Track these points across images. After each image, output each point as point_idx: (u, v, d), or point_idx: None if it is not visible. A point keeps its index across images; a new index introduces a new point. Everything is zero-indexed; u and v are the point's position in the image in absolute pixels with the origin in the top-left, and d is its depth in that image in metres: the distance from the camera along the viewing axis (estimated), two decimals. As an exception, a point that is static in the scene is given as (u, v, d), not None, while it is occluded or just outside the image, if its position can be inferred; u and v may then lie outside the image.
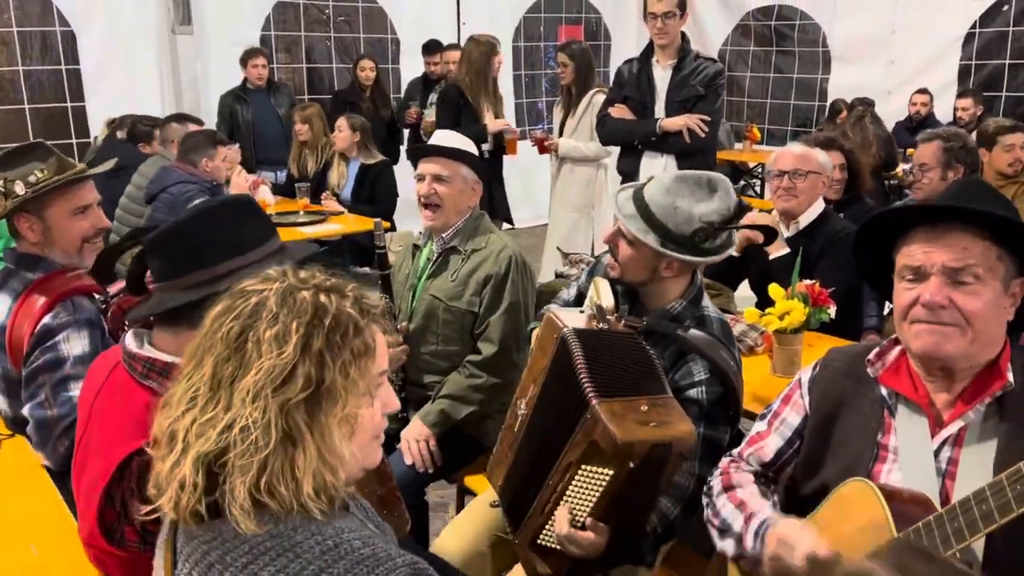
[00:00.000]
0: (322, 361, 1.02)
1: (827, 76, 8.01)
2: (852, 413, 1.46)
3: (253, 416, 0.99)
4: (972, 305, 1.30)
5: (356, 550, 0.99)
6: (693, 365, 1.85)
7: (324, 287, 1.09)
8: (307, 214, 4.97)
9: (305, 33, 7.26)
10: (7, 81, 6.08)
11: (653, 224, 1.84)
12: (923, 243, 1.33)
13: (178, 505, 1.01)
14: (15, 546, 1.65)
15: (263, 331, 1.02)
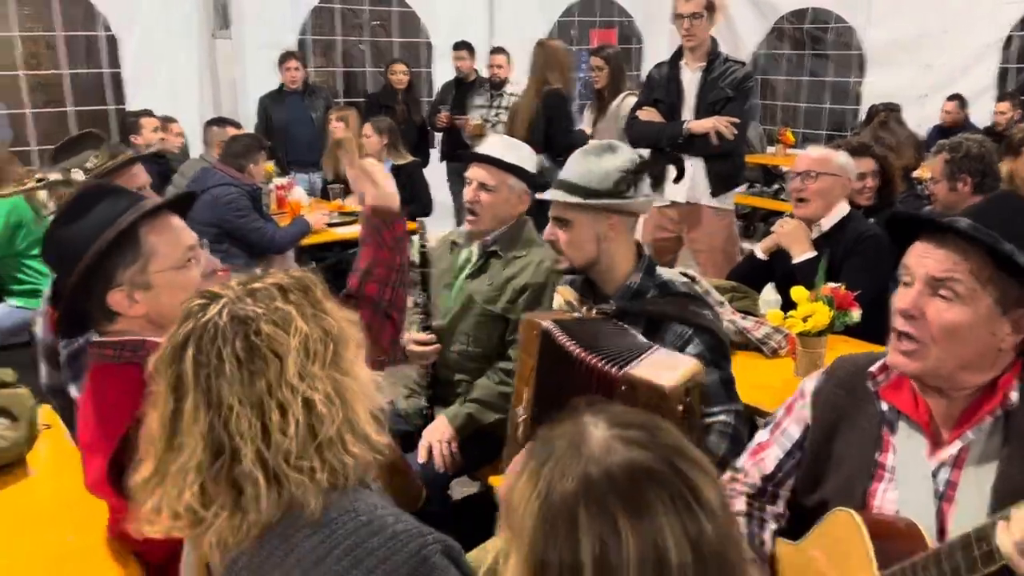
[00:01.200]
0: (319, 318, 1.08)
1: (861, 80, 7.93)
2: (852, 428, 1.42)
3: (314, 390, 1.04)
4: (940, 319, 1.25)
5: (389, 525, 1.03)
6: (674, 327, 1.95)
7: (258, 278, 1.12)
8: (340, 215, 5.05)
9: (341, 37, 7.37)
10: (52, 85, 6.26)
11: (578, 190, 1.97)
12: (922, 248, 1.30)
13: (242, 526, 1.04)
14: (53, 533, 1.71)
15: (263, 327, 1.05)
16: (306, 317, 1.07)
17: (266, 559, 1.03)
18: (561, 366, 1.80)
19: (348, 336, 1.12)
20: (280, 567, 1.02)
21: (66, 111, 6.18)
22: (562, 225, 2.01)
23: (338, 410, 1.06)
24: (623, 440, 0.83)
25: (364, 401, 1.10)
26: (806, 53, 8.45)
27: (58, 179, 2.17)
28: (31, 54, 6.20)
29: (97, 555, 1.61)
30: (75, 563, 1.61)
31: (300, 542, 1.02)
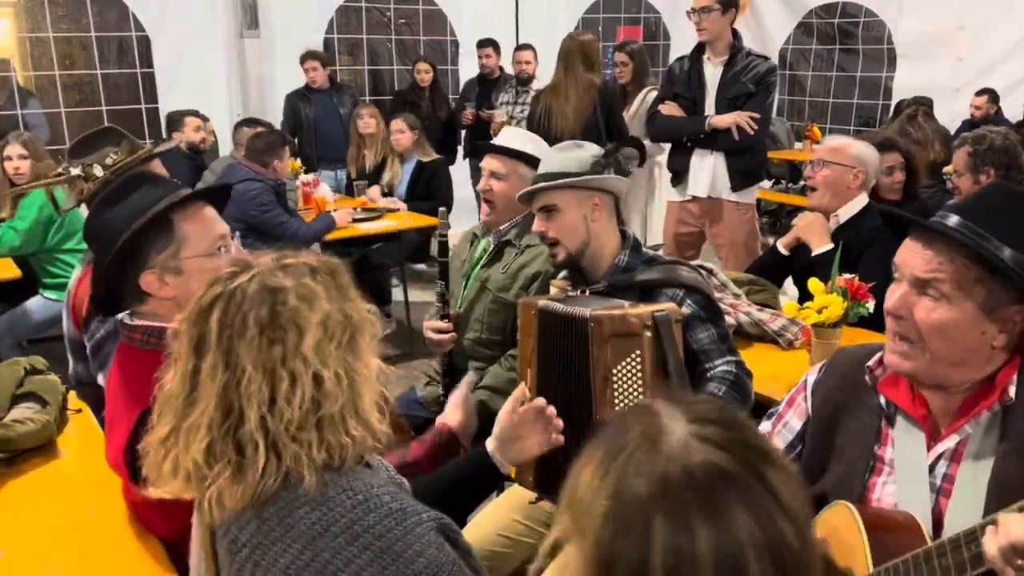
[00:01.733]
0: (342, 303, 1.12)
1: (892, 74, 7.82)
2: (851, 420, 1.43)
3: (325, 367, 1.07)
4: (928, 320, 1.25)
5: (385, 504, 1.06)
6: (665, 291, 2.05)
7: (291, 256, 1.16)
8: (364, 211, 5.10)
9: (367, 36, 7.44)
10: (86, 84, 6.40)
11: (558, 176, 2.09)
12: (910, 247, 1.30)
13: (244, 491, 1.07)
14: (78, 507, 1.79)
15: (290, 300, 1.08)
16: (331, 298, 1.11)
17: (266, 535, 1.06)
18: (558, 338, 1.91)
19: (365, 325, 1.15)
20: (280, 542, 1.05)
21: (100, 110, 6.32)
22: (549, 213, 2.11)
23: (345, 390, 1.09)
24: (702, 438, 0.77)
25: (371, 389, 1.13)
26: (835, 48, 8.36)
27: (78, 174, 2.22)
28: (65, 55, 6.34)
29: (118, 528, 1.69)
30: (98, 535, 1.69)
31: (299, 519, 1.05)
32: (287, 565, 1.04)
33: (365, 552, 1.03)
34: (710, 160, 4.02)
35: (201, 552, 1.18)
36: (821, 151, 2.93)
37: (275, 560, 1.05)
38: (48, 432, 2.02)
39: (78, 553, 1.63)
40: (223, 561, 1.12)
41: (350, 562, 1.03)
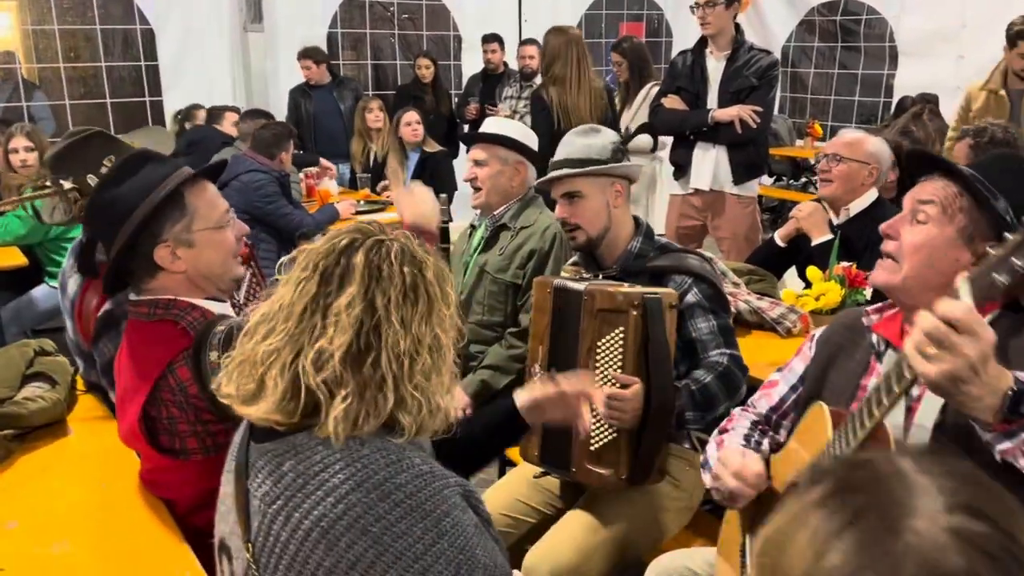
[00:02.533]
0: (448, 296, 1.20)
1: (893, 72, 7.83)
2: (847, 359, 1.54)
3: (441, 337, 1.15)
4: (909, 238, 1.40)
5: (416, 465, 1.11)
6: (674, 278, 2.07)
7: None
8: (368, 203, 5.14)
9: (370, 31, 7.47)
10: (91, 76, 6.44)
11: (583, 163, 2.11)
12: (925, 181, 1.44)
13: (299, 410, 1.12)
14: (89, 482, 1.84)
15: (428, 272, 1.17)
16: (449, 284, 1.21)
17: (300, 488, 1.10)
18: (566, 313, 1.98)
19: (452, 330, 1.21)
20: (314, 495, 1.09)
21: (105, 103, 6.35)
22: (573, 199, 2.13)
23: (444, 365, 1.17)
24: (962, 537, 0.59)
25: (448, 373, 1.19)
26: (837, 45, 8.38)
27: (72, 187, 2.10)
28: (70, 47, 6.37)
29: (127, 502, 1.72)
30: (107, 509, 1.73)
31: (334, 474, 1.09)
32: (320, 517, 1.08)
33: (396, 509, 1.07)
34: (712, 153, 4.05)
35: (232, 506, 1.21)
36: (837, 145, 2.93)
37: (308, 512, 1.09)
38: (59, 410, 2.06)
39: (89, 526, 1.67)
40: (255, 513, 1.16)
41: (381, 517, 1.07)
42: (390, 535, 1.06)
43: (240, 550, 1.18)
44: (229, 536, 1.23)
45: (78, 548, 1.58)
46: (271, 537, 1.12)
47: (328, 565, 1.07)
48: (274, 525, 1.11)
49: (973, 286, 1.09)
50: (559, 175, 2.14)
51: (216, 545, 1.29)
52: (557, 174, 2.14)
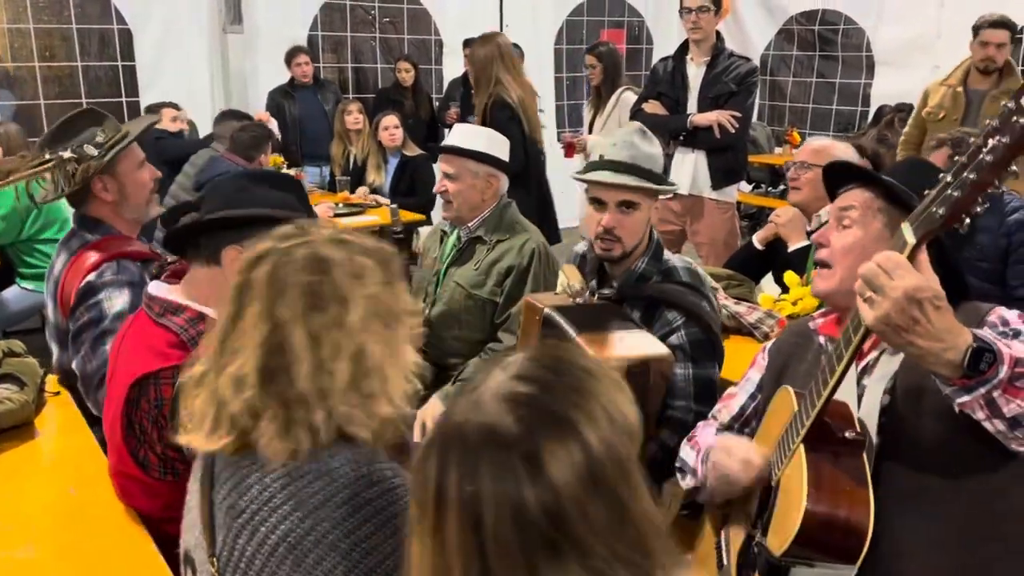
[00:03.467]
0: (390, 287, 1.13)
1: (870, 81, 7.92)
2: (798, 363, 1.59)
3: (367, 343, 1.08)
4: (838, 243, 1.49)
5: (387, 479, 1.08)
6: (668, 314, 1.97)
7: (350, 233, 1.17)
8: (346, 206, 5.11)
9: (351, 34, 7.44)
10: (66, 76, 6.35)
11: (648, 175, 2.00)
12: (846, 192, 1.54)
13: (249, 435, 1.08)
14: (56, 487, 1.80)
15: (337, 274, 1.09)
16: (378, 281, 1.12)
17: (266, 502, 1.07)
18: None
19: (402, 316, 1.15)
20: (281, 509, 1.06)
21: (80, 103, 6.27)
22: (629, 209, 1.98)
23: (381, 371, 1.10)
24: (503, 397, 0.80)
25: (402, 377, 1.13)
26: (815, 54, 8.46)
27: (71, 156, 2.17)
28: (45, 46, 6.29)
29: (95, 507, 1.69)
30: (75, 514, 1.70)
31: (302, 488, 1.06)
32: (286, 532, 1.05)
33: (366, 524, 1.04)
34: (691, 158, 4.07)
35: (198, 518, 1.18)
36: (805, 153, 2.96)
37: (275, 527, 1.06)
38: (26, 412, 2.02)
39: (56, 531, 1.63)
40: (220, 525, 1.13)
41: (350, 533, 1.04)
42: (359, 551, 1.04)
43: (204, 563, 1.15)
44: (194, 548, 1.20)
45: (44, 554, 1.54)
46: (236, 551, 1.09)
47: None
48: (239, 539, 1.09)
49: (914, 224, 1.17)
50: (630, 184, 1.95)
51: (181, 555, 1.26)
52: (626, 182, 1.95)
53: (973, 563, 1.31)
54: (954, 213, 1.12)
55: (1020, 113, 1.05)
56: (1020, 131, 1.05)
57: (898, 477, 1.34)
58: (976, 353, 1.13)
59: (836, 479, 1.29)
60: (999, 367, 1.13)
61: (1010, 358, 1.15)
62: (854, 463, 1.31)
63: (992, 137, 1.08)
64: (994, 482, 1.31)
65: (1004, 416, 1.16)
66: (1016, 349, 1.17)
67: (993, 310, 1.39)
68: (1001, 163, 1.08)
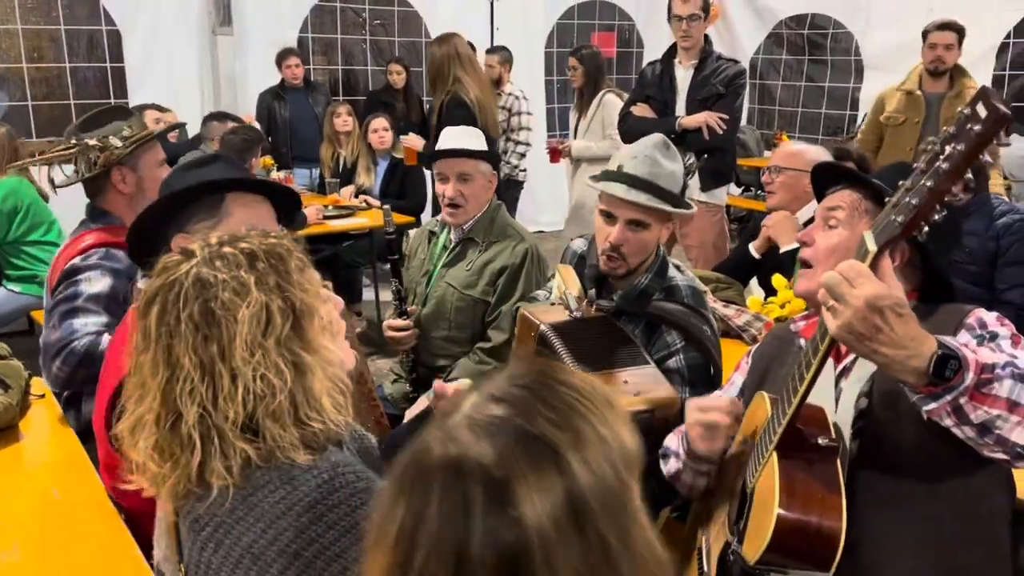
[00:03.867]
0: (283, 289, 1.08)
1: (859, 85, 7.97)
2: (779, 367, 1.59)
3: (262, 365, 1.03)
4: (823, 242, 1.50)
5: (351, 483, 1.05)
6: (667, 336, 1.92)
7: (235, 239, 1.12)
8: (336, 208, 5.10)
9: (341, 36, 7.43)
10: (54, 77, 6.32)
11: (663, 195, 1.90)
12: (832, 193, 1.55)
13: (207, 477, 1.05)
14: (40, 489, 1.78)
15: (221, 294, 1.05)
16: (267, 287, 1.07)
17: (228, 514, 1.05)
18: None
19: (312, 310, 1.11)
20: (243, 521, 1.04)
21: (68, 104, 6.24)
22: (638, 228, 1.91)
23: (290, 381, 1.05)
24: (471, 424, 0.71)
25: (323, 377, 1.10)
26: (804, 59, 8.50)
27: (95, 144, 2.25)
28: (33, 47, 6.26)
29: (79, 510, 1.68)
30: (59, 516, 1.69)
31: (262, 499, 1.04)
32: (250, 544, 1.03)
33: (330, 531, 1.02)
34: (680, 161, 4.08)
35: (164, 531, 1.17)
36: (777, 158, 3.02)
37: (238, 539, 1.04)
38: (10, 415, 2.00)
39: (40, 534, 1.62)
40: (185, 540, 1.11)
41: (314, 541, 1.02)
42: (323, 559, 1.02)
43: (174, 574, 1.14)
44: (163, 561, 1.20)
45: (28, 556, 1.53)
46: (202, 564, 1.07)
47: None
48: (204, 552, 1.07)
49: (875, 231, 1.17)
50: (646, 203, 1.87)
51: (155, 567, 1.25)
52: (643, 200, 1.86)
53: (954, 567, 1.31)
54: (913, 220, 1.12)
55: (975, 120, 1.05)
56: (975, 138, 1.05)
57: (876, 481, 1.34)
58: (941, 360, 1.12)
59: (808, 486, 1.28)
60: (964, 374, 1.13)
61: (976, 364, 1.14)
62: (827, 470, 1.31)
63: (948, 144, 1.07)
64: (973, 485, 1.31)
65: (972, 423, 1.16)
66: (983, 355, 1.17)
67: (972, 312, 1.39)
68: (957, 171, 1.07)
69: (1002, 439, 1.17)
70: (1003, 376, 1.15)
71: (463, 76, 4.24)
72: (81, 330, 2.04)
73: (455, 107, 4.20)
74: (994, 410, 1.15)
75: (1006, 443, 1.17)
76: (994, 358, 1.17)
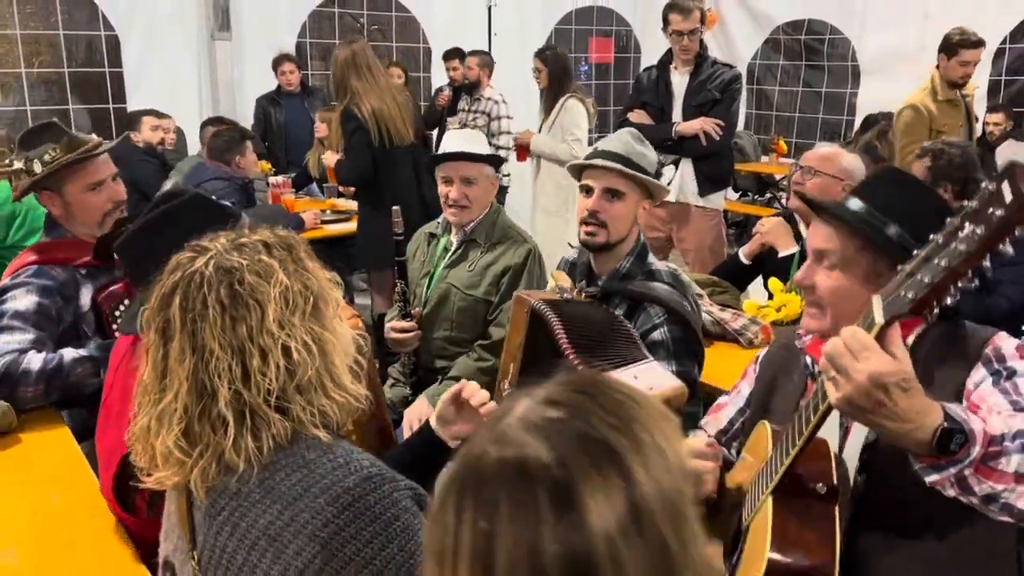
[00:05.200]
0: (300, 274, 1.13)
1: (856, 91, 7.99)
2: (787, 381, 1.57)
3: (292, 339, 1.09)
4: (824, 286, 1.43)
5: (365, 468, 1.09)
6: (650, 310, 2.02)
7: (247, 234, 1.17)
8: (333, 212, 5.11)
9: (339, 41, 7.44)
10: (53, 82, 6.33)
11: (637, 167, 2.08)
12: (814, 226, 1.48)
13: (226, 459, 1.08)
14: (39, 494, 1.79)
15: (247, 277, 1.10)
16: (288, 271, 1.13)
17: (245, 498, 1.08)
18: (545, 341, 1.88)
19: (327, 294, 1.17)
20: (260, 504, 1.07)
21: (67, 109, 6.25)
22: (613, 197, 2.09)
23: (316, 357, 1.11)
24: (529, 425, 0.69)
25: (342, 354, 1.16)
26: (801, 64, 8.53)
27: (20, 168, 2.24)
28: (32, 52, 6.27)
29: (78, 514, 1.69)
30: (57, 520, 1.69)
31: (279, 482, 1.07)
32: (266, 525, 1.06)
33: (344, 512, 1.05)
34: (678, 165, 4.09)
35: (175, 523, 1.18)
36: (812, 159, 2.91)
37: (254, 522, 1.07)
38: (8, 419, 2.01)
39: (38, 537, 1.63)
40: (200, 526, 1.13)
41: (329, 522, 1.04)
42: (338, 539, 1.04)
43: (186, 564, 1.15)
44: (173, 553, 1.21)
45: (26, 560, 1.54)
46: (217, 549, 1.10)
47: (276, 573, 1.05)
48: (220, 536, 1.09)
49: (884, 302, 1.10)
50: (619, 169, 2.06)
51: (160, 564, 1.26)
52: (617, 167, 2.06)
53: None
54: (924, 300, 1.04)
55: (998, 203, 0.94)
56: (996, 224, 0.95)
57: (881, 518, 1.31)
58: (946, 434, 1.08)
59: (802, 534, 1.25)
60: (971, 447, 1.08)
61: (984, 436, 1.09)
62: (824, 516, 1.27)
63: (968, 223, 0.98)
64: (978, 526, 1.25)
65: (976, 494, 1.11)
66: (993, 424, 1.11)
67: (992, 340, 1.33)
68: (975, 256, 0.98)
69: (1008, 506, 1.12)
70: (1012, 450, 1.09)
71: (358, 86, 4.03)
72: (3, 348, 2.03)
73: (345, 120, 4.07)
74: (1000, 484, 1.10)
75: (1011, 509, 1.12)
76: (1004, 427, 1.11)
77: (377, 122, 4.04)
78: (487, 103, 5.86)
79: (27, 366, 2.02)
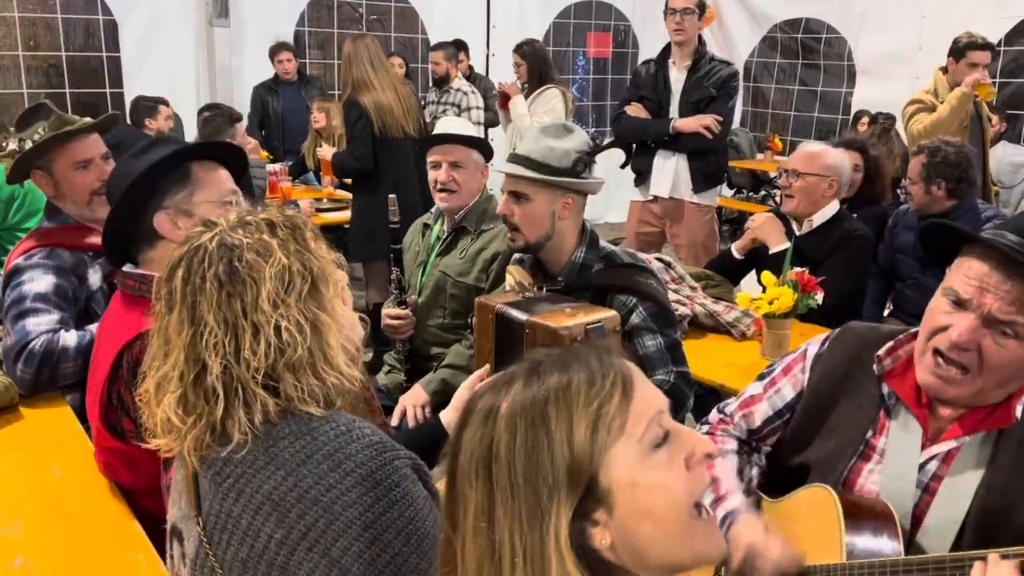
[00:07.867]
0: (301, 255, 1.16)
1: (851, 90, 8.03)
2: (850, 403, 1.42)
3: (284, 319, 1.11)
4: (996, 357, 1.21)
5: (367, 436, 1.12)
6: (619, 297, 2.06)
7: (254, 212, 1.21)
8: (330, 201, 5.13)
9: (338, 30, 7.44)
10: (51, 67, 6.32)
11: (539, 167, 2.04)
12: (981, 274, 1.22)
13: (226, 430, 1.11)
14: (42, 468, 1.82)
15: (246, 255, 1.13)
16: (288, 251, 1.15)
17: (250, 464, 1.11)
18: (509, 340, 1.90)
19: (328, 275, 1.19)
20: (264, 470, 1.10)
21: (64, 92, 6.24)
22: (519, 200, 2.08)
23: (308, 337, 1.13)
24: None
25: (337, 335, 1.18)
26: (798, 62, 8.57)
27: (15, 148, 2.27)
28: (30, 36, 6.26)
29: (79, 486, 1.72)
30: (60, 492, 1.72)
31: (283, 448, 1.10)
32: (271, 491, 1.09)
33: (347, 478, 1.08)
34: (673, 161, 4.13)
35: (183, 490, 1.21)
36: (796, 161, 2.98)
37: (259, 487, 1.09)
38: (10, 394, 2.03)
39: (41, 510, 1.65)
40: (205, 492, 1.16)
41: (332, 487, 1.07)
42: (341, 503, 1.07)
43: (192, 529, 1.18)
44: (181, 519, 1.24)
45: (29, 531, 1.56)
46: (223, 514, 1.13)
47: (280, 536, 1.08)
48: (226, 502, 1.12)
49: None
50: (512, 172, 2.06)
51: (168, 530, 1.29)
52: (511, 170, 2.07)
53: None
54: None
55: None
56: None
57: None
58: None
59: None
60: None
61: None
62: None
63: None
64: None
65: None
66: None
67: None
68: None
69: None
70: None
71: (363, 78, 4.15)
72: (35, 331, 2.06)
73: (348, 107, 4.16)
74: None
75: None
76: None
77: (380, 114, 4.10)
78: (456, 94, 5.87)
79: (64, 343, 2.05)
